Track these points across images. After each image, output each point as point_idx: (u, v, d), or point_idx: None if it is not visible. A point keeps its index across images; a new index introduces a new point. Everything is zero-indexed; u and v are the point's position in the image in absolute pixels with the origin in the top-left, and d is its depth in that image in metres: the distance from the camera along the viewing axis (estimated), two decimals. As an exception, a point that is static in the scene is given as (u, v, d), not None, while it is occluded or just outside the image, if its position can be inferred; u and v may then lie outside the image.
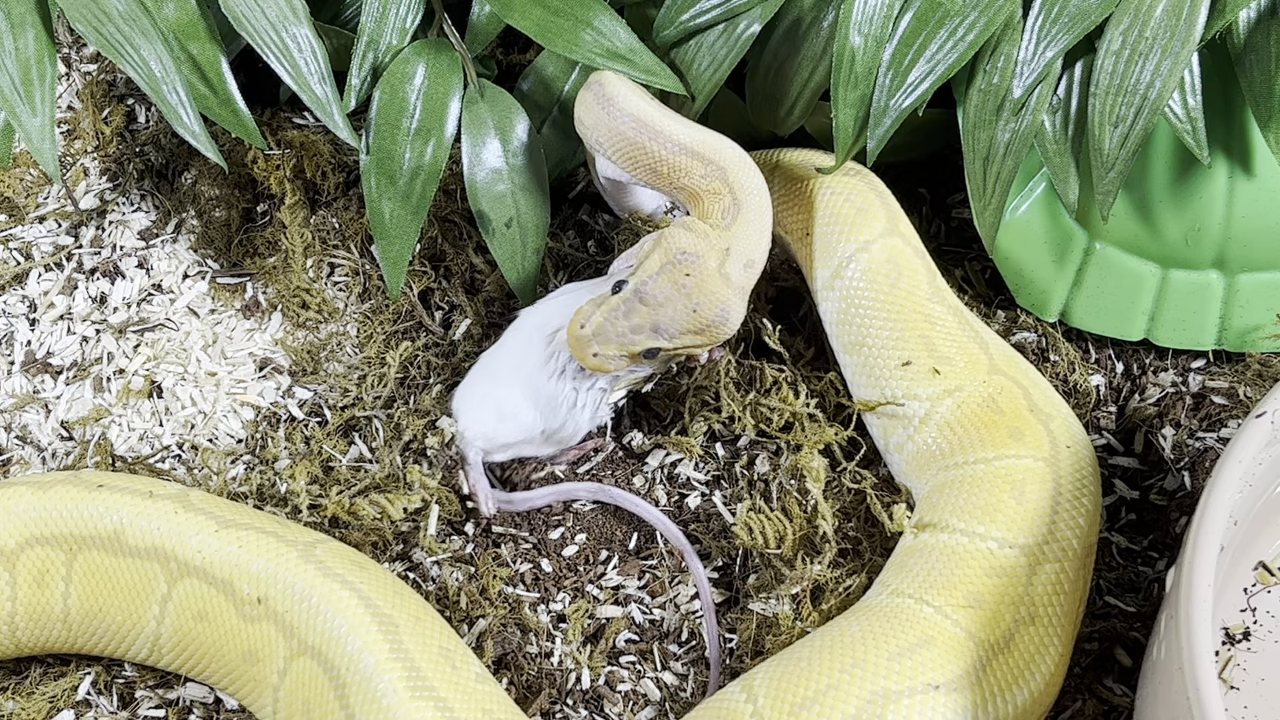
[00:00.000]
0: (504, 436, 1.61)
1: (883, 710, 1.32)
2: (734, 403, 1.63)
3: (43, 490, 1.48)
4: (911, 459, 1.57)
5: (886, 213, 1.66)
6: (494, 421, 1.61)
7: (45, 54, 1.60)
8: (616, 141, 1.61)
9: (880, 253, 1.62)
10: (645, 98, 1.62)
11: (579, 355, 1.53)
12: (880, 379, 1.60)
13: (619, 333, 1.51)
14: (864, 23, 1.58)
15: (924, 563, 1.45)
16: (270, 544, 1.44)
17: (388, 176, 1.67)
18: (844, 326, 1.64)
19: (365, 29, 1.67)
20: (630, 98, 1.61)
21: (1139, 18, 1.54)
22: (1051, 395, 1.59)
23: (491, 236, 1.70)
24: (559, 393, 1.60)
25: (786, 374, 1.64)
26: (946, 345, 1.58)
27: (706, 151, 1.58)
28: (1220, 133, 1.62)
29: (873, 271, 1.62)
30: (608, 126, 1.61)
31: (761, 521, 1.52)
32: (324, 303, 1.81)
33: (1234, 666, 1.48)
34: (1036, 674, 1.39)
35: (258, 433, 1.72)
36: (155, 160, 1.93)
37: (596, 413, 1.62)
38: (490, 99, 1.70)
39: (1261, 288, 1.67)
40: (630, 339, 1.51)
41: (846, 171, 1.67)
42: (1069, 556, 1.44)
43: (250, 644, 1.42)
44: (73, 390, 1.76)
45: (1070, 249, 1.70)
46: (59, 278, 1.84)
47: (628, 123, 1.59)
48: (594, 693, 1.52)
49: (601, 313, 1.52)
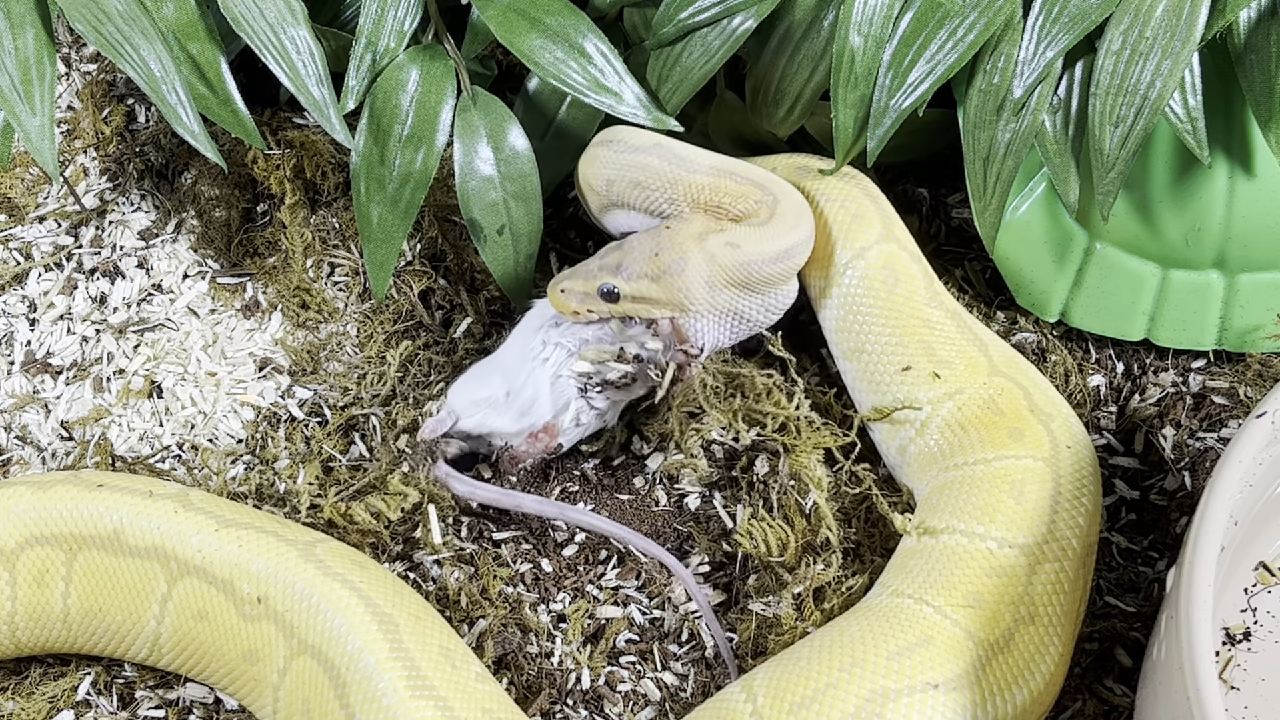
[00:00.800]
0: (473, 393, 1.61)
1: (881, 708, 1.33)
2: (721, 413, 1.61)
3: (43, 490, 1.48)
4: (914, 461, 1.58)
5: (882, 218, 1.66)
6: (472, 382, 1.62)
7: (45, 53, 1.60)
8: (644, 178, 1.62)
9: (876, 259, 1.63)
10: (657, 135, 1.65)
11: (550, 295, 1.56)
12: (881, 385, 1.60)
13: (588, 269, 1.55)
14: (864, 23, 1.58)
15: (924, 563, 1.45)
16: (270, 543, 1.44)
17: (377, 181, 1.67)
18: (843, 334, 1.64)
19: (363, 31, 1.67)
20: (645, 134, 1.64)
21: (1139, 18, 1.54)
22: (1052, 395, 1.59)
23: (484, 244, 1.70)
24: (528, 350, 1.60)
25: (776, 379, 1.63)
26: (945, 349, 1.59)
27: (740, 169, 1.61)
28: (1220, 133, 1.62)
29: (869, 278, 1.62)
30: (632, 166, 1.62)
31: (764, 529, 1.52)
32: (324, 302, 1.81)
33: (1234, 666, 1.48)
34: (1036, 673, 1.39)
35: (258, 433, 1.72)
36: (155, 160, 1.93)
37: (557, 383, 1.59)
38: (483, 106, 1.70)
39: (1262, 288, 1.67)
40: (595, 275, 1.54)
41: (841, 177, 1.67)
42: (1069, 556, 1.44)
43: (250, 643, 1.42)
44: (73, 390, 1.76)
45: (1070, 249, 1.70)
46: (59, 278, 1.84)
47: (653, 154, 1.61)
48: (594, 693, 1.52)
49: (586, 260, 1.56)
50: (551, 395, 1.59)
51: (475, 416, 1.61)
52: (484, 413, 1.60)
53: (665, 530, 1.63)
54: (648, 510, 1.64)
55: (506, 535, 1.63)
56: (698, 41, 1.65)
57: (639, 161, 1.62)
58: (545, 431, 1.60)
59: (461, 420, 1.61)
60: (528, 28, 1.66)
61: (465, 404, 1.61)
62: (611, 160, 1.64)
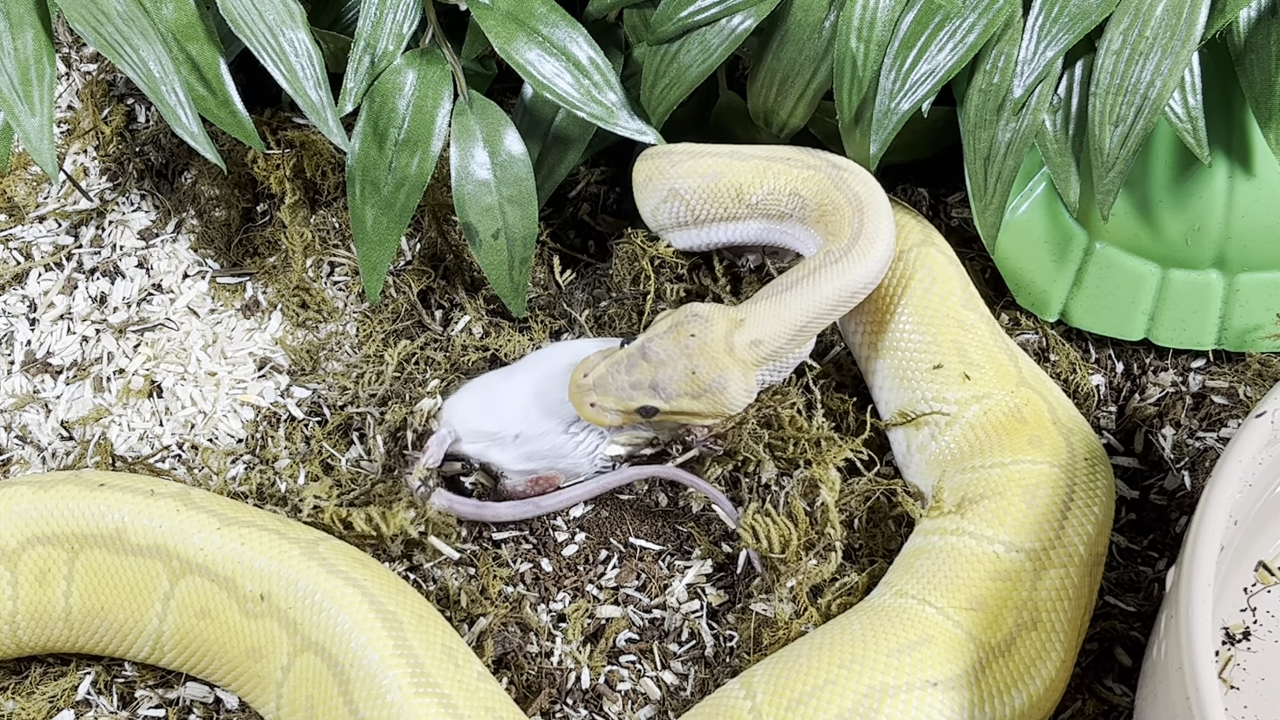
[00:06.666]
0: (480, 423, 1.60)
1: (879, 704, 1.33)
2: (753, 454, 1.60)
3: (44, 489, 1.48)
4: (932, 460, 1.58)
5: (921, 227, 1.69)
6: (478, 408, 1.60)
7: (44, 54, 1.60)
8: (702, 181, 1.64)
9: (915, 259, 1.64)
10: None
11: (576, 404, 1.52)
12: (911, 381, 1.60)
13: (618, 386, 1.51)
14: (865, 26, 1.58)
15: (929, 564, 1.45)
16: (273, 541, 1.44)
17: (372, 184, 1.67)
18: (876, 332, 1.65)
19: (362, 33, 1.67)
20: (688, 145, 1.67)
21: (1139, 17, 1.54)
22: (1074, 413, 1.60)
23: (479, 248, 1.70)
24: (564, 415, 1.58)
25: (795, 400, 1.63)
26: (978, 353, 1.59)
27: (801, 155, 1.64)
28: (1220, 132, 1.62)
29: (907, 277, 1.64)
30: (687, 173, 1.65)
31: (767, 525, 1.52)
32: (324, 302, 1.81)
33: (1234, 666, 1.48)
34: (1036, 678, 1.39)
35: (258, 432, 1.72)
36: (155, 160, 1.93)
37: (593, 456, 1.61)
38: (479, 110, 1.70)
39: (1261, 287, 1.67)
40: (628, 394, 1.51)
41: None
42: (1075, 563, 1.44)
43: (253, 640, 1.42)
44: (73, 390, 1.76)
45: (1070, 249, 1.70)
46: (59, 277, 1.84)
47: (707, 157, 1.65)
48: (594, 692, 1.52)
49: (605, 364, 1.52)
50: (572, 462, 1.60)
51: (478, 445, 1.61)
52: (488, 445, 1.60)
53: (666, 531, 1.63)
54: (649, 511, 1.64)
55: (506, 535, 1.63)
56: (696, 40, 1.65)
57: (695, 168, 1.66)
58: (546, 480, 1.61)
59: (463, 444, 1.61)
60: (525, 37, 1.66)
61: (469, 432, 1.60)
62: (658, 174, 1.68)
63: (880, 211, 1.59)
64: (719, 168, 1.65)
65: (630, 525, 1.63)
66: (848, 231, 1.57)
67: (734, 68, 1.86)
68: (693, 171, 1.66)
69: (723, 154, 1.67)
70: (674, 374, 1.51)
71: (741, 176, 1.64)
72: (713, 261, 1.74)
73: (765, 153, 1.66)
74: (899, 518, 1.58)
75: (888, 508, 1.59)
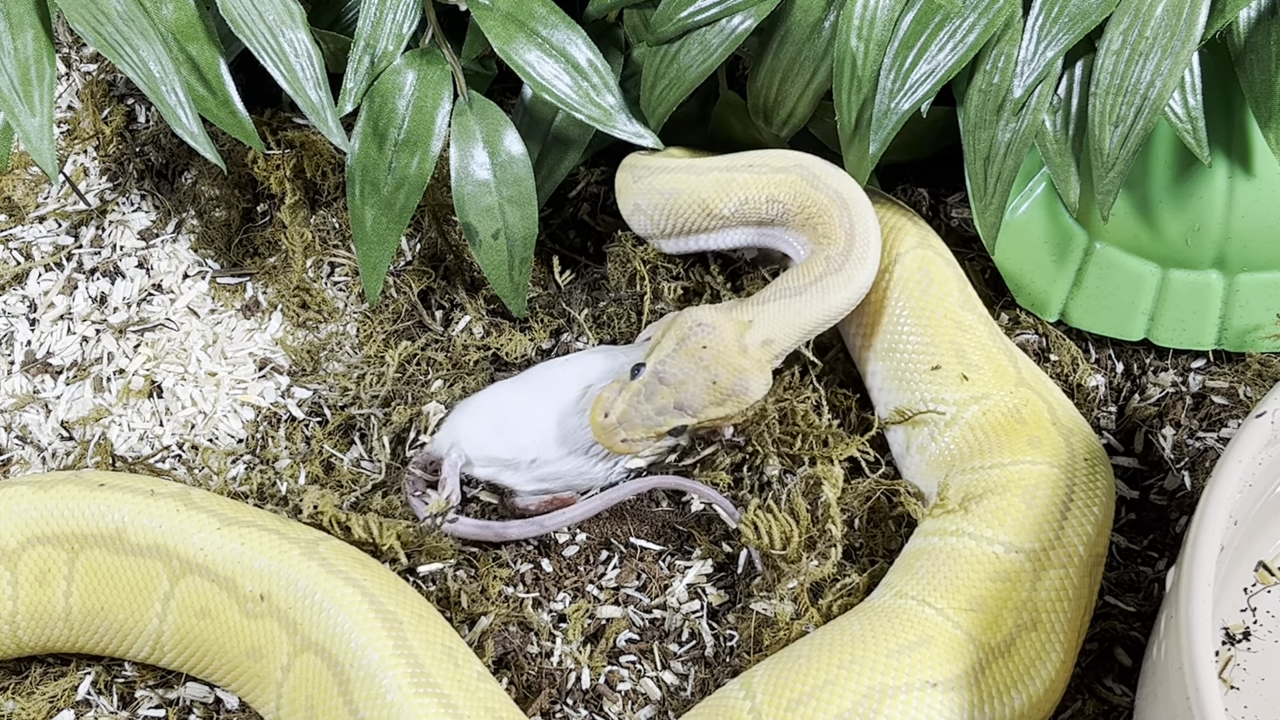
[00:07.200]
0: (494, 450, 1.59)
1: (878, 705, 1.33)
2: (764, 447, 1.61)
3: (44, 489, 1.48)
4: (931, 461, 1.58)
5: (918, 229, 1.69)
6: (491, 434, 1.60)
7: (44, 54, 1.60)
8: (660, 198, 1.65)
9: (912, 262, 1.64)
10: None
11: (607, 444, 1.52)
12: (910, 383, 1.61)
13: (644, 416, 1.51)
14: (864, 25, 1.58)
15: (929, 565, 1.45)
16: (273, 541, 1.44)
17: (372, 184, 1.67)
18: (874, 334, 1.65)
19: (362, 34, 1.67)
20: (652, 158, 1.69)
21: (1139, 17, 1.54)
22: (1074, 414, 1.60)
23: (479, 248, 1.70)
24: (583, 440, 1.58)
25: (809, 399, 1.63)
26: (976, 353, 1.59)
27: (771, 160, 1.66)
28: (1220, 133, 1.62)
29: (904, 279, 1.63)
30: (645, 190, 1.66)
31: (769, 521, 1.52)
32: (324, 302, 1.81)
33: (1234, 666, 1.48)
34: (1036, 679, 1.39)
35: (258, 433, 1.72)
36: (155, 160, 1.93)
37: (611, 471, 1.61)
38: (479, 110, 1.70)
39: (1261, 288, 1.67)
40: (656, 420, 1.51)
41: (876, 198, 1.71)
42: (1075, 564, 1.44)
43: (253, 640, 1.42)
44: (73, 390, 1.76)
45: (1070, 249, 1.70)
46: (59, 278, 1.84)
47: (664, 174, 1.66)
48: (594, 692, 1.52)
49: (624, 399, 1.52)
50: (590, 478, 1.60)
51: (489, 469, 1.60)
52: (500, 469, 1.60)
53: (666, 532, 1.63)
54: (649, 511, 1.64)
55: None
56: (696, 40, 1.65)
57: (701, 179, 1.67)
58: (561, 500, 1.61)
59: (475, 468, 1.60)
60: (525, 38, 1.66)
61: (482, 457, 1.59)
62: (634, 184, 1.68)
63: (865, 206, 1.61)
64: (676, 184, 1.66)
65: (631, 525, 1.63)
66: (840, 233, 1.58)
67: (734, 67, 1.86)
68: (650, 189, 1.67)
69: (679, 169, 1.67)
70: (696, 389, 1.52)
71: (703, 191, 1.64)
72: (707, 258, 1.74)
73: (724, 163, 1.66)
74: (899, 518, 1.58)
75: (888, 508, 1.59)
